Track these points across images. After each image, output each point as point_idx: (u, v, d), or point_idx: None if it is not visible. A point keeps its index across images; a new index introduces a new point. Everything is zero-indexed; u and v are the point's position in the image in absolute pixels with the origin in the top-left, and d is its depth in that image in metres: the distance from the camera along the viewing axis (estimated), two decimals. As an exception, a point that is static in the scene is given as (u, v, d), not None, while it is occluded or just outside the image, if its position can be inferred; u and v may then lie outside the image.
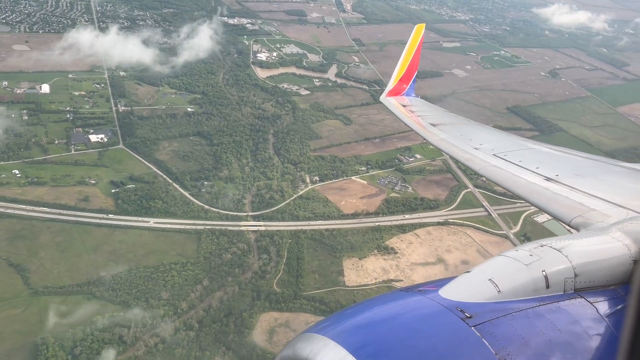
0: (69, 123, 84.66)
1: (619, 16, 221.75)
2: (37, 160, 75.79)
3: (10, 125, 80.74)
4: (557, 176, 10.81)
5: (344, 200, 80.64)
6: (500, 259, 5.93)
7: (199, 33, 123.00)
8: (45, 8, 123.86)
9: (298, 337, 5.04)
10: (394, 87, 21.23)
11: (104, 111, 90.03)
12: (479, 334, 4.83)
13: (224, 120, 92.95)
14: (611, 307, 5.71)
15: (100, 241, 64.72)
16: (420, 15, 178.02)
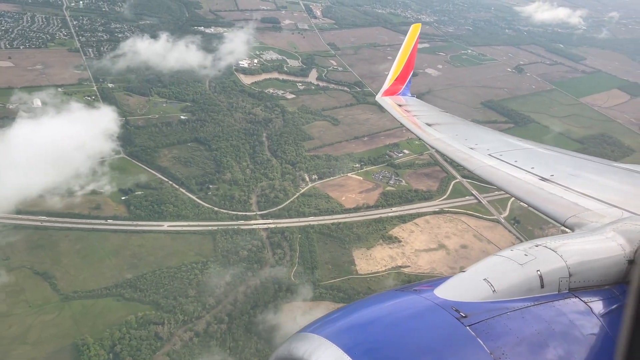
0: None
1: (594, 12, 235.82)
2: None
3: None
4: (552, 176, 10.92)
5: (344, 195, 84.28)
6: (495, 259, 6.01)
7: (180, 43, 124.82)
8: (21, 24, 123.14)
9: (293, 337, 5.08)
10: (389, 86, 21.38)
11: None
12: (473, 334, 4.86)
13: (218, 126, 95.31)
14: (606, 307, 5.75)
15: (119, 246, 66.36)
16: (388, 19, 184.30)
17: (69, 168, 76.05)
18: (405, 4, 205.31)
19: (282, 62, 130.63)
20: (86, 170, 77.49)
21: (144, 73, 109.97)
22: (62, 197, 72.21)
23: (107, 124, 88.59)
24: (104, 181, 76.63)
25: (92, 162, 79.49)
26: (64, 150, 77.58)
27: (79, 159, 78.46)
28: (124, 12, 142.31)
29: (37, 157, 73.98)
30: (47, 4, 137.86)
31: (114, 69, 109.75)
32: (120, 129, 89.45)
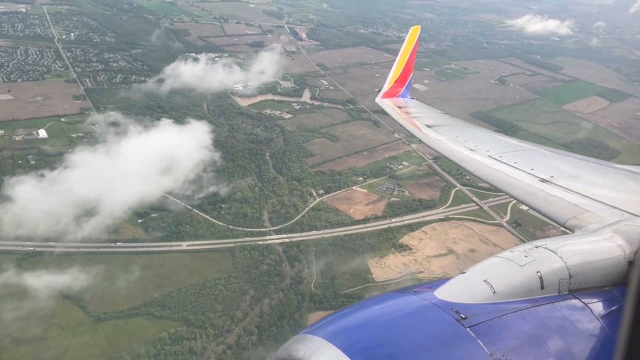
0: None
1: (580, 22, 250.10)
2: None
3: (19, 171, 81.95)
4: (552, 177, 10.87)
5: (352, 208, 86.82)
6: (495, 260, 6.03)
7: (175, 69, 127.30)
8: (16, 58, 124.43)
9: (293, 338, 5.09)
10: (389, 89, 21.33)
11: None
12: (474, 335, 4.88)
13: (222, 148, 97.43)
14: (606, 308, 5.74)
15: (142, 267, 67.70)
16: (371, 38, 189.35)
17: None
18: (386, 24, 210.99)
19: (275, 83, 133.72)
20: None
21: (143, 99, 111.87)
22: (80, 223, 73.50)
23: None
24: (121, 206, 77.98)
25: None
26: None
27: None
28: (115, 42, 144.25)
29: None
30: (38, 38, 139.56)
31: (114, 97, 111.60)
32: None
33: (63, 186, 78.23)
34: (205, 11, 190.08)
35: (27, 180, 79.20)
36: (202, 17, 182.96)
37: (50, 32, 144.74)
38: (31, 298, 60.19)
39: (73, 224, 72.15)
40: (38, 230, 69.89)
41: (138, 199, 77.80)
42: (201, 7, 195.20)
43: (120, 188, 77.30)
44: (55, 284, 62.63)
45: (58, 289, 61.97)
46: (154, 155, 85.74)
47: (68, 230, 71.10)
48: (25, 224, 70.22)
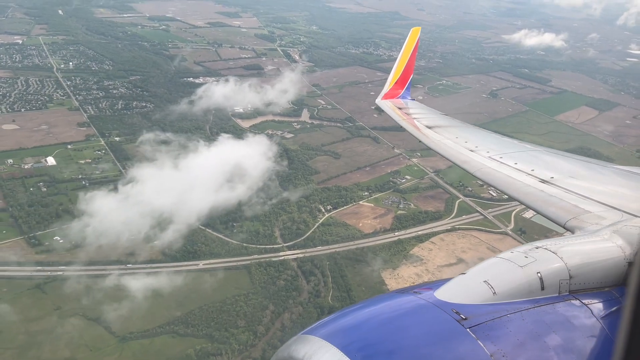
0: (88, 188, 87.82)
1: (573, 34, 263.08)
2: (72, 226, 78.55)
3: (34, 198, 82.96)
4: (552, 178, 10.91)
5: (361, 222, 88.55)
6: (495, 261, 6.05)
7: (176, 94, 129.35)
8: (17, 88, 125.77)
9: (294, 339, 5.13)
10: (389, 90, 21.62)
11: (115, 174, 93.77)
12: (474, 336, 4.89)
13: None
14: (606, 309, 5.74)
15: (162, 287, 68.61)
16: (362, 58, 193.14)
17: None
18: (375, 43, 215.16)
19: (274, 104, 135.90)
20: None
21: (147, 124, 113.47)
22: (97, 247, 74.50)
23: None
24: (135, 228, 79.02)
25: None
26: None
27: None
28: (113, 69, 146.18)
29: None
30: (37, 68, 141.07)
31: (118, 122, 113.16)
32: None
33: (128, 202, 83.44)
34: (198, 37, 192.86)
35: (95, 196, 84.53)
36: (196, 42, 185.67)
37: (49, 62, 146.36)
38: (56, 319, 61.09)
39: (146, 238, 77.10)
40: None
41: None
42: (194, 32, 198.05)
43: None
44: (76, 306, 63.56)
45: (81, 310, 62.83)
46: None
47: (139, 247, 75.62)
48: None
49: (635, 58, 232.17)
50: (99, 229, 75.66)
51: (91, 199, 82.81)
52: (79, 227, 76.70)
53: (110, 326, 61.25)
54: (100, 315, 62.71)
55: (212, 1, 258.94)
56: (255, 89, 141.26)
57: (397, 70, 21.64)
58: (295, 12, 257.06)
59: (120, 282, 68.40)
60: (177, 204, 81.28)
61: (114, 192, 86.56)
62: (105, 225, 76.24)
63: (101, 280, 68.69)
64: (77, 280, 67.72)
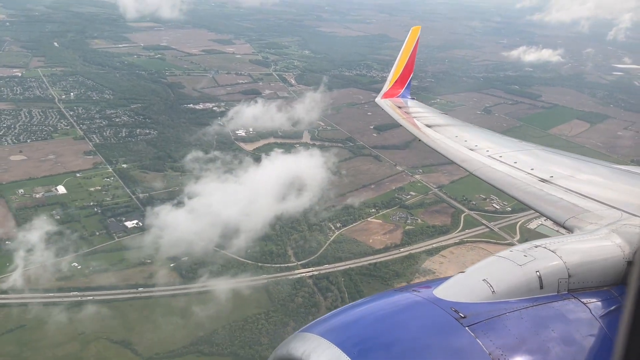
0: (100, 215, 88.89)
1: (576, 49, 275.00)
2: (89, 252, 79.33)
3: (47, 227, 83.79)
4: (552, 177, 10.94)
5: (371, 238, 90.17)
6: (494, 260, 6.08)
7: (177, 120, 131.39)
8: (21, 120, 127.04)
9: (292, 337, 5.20)
10: (389, 89, 21.68)
11: (125, 200, 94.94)
12: (472, 334, 4.91)
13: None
14: (605, 308, 5.75)
15: (183, 308, 69.59)
16: (357, 79, 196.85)
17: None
18: (368, 65, 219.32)
19: (275, 127, 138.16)
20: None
21: (153, 151, 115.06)
22: (114, 272, 75.41)
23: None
24: (149, 252, 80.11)
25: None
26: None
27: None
28: (114, 98, 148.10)
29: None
30: (39, 99, 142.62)
31: (123, 150, 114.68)
32: (148, 204, 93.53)
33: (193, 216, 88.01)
34: (194, 64, 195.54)
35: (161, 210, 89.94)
36: (193, 70, 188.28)
37: (50, 93, 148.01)
38: (81, 343, 61.75)
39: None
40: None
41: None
42: (189, 60, 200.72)
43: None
44: (100, 330, 64.28)
45: (104, 334, 63.55)
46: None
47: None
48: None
49: (621, 72, 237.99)
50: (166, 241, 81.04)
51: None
52: (99, 253, 77.65)
53: (135, 348, 61.96)
54: (125, 337, 63.44)
55: (205, 29, 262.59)
56: (255, 113, 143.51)
57: (397, 69, 21.68)
58: (287, 37, 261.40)
59: (138, 304, 69.24)
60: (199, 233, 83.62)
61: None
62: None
63: (122, 303, 69.47)
64: (99, 305, 68.46)
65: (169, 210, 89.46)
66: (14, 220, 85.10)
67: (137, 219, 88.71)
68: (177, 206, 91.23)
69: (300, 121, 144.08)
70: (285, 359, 5.03)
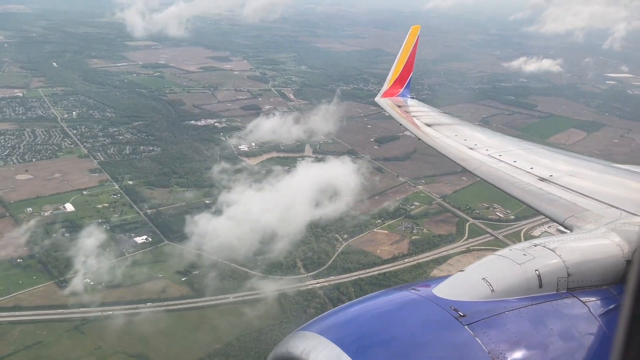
0: (109, 232, 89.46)
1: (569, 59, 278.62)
2: (100, 268, 79.91)
3: (58, 244, 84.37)
4: (551, 176, 10.94)
5: (378, 248, 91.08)
6: (494, 258, 6.11)
7: (180, 136, 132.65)
8: (25, 139, 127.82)
9: (291, 335, 5.19)
10: (389, 88, 21.81)
11: (133, 216, 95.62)
12: (472, 333, 4.92)
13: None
14: (604, 307, 5.76)
15: (197, 321, 70.12)
16: (354, 93, 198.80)
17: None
18: (364, 79, 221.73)
19: (277, 142, 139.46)
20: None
21: (158, 167, 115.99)
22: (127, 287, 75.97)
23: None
24: (162, 266, 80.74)
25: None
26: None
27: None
28: (116, 116, 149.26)
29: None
30: (41, 119, 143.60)
31: (128, 167, 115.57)
32: (156, 219, 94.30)
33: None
34: (193, 81, 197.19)
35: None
36: (192, 87, 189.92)
37: (52, 113, 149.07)
38: (97, 358, 62.16)
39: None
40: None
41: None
42: (188, 77, 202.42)
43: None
44: (116, 344, 64.72)
45: (121, 348, 64.00)
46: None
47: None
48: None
49: (614, 81, 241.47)
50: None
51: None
52: (111, 269, 78.32)
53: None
54: (142, 351, 63.87)
55: (201, 47, 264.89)
56: (256, 128, 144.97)
57: (397, 68, 21.75)
58: (283, 53, 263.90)
59: (152, 318, 69.73)
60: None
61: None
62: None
63: (136, 317, 69.91)
64: (114, 319, 68.94)
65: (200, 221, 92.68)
66: (24, 238, 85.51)
67: (146, 235, 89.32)
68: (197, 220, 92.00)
69: (301, 135, 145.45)
70: (285, 357, 5.01)
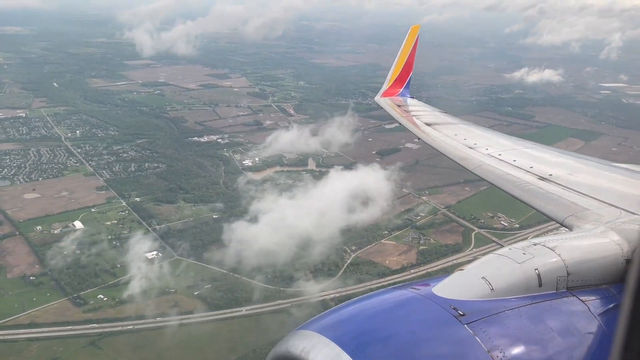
0: (119, 248, 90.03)
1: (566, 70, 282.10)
2: (112, 284, 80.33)
3: (69, 261, 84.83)
4: (551, 176, 10.92)
5: (387, 259, 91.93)
6: (493, 258, 6.10)
7: (184, 153, 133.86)
8: (30, 159, 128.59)
9: (291, 334, 5.16)
10: (388, 88, 21.91)
11: (142, 233, 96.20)
12: (471, 332, 4.92)
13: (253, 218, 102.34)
14: (603, 306, 5.75)
15: (212, 334, 70.55)
16: (354, 107, 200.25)
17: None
18: (362, 94, 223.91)
19: (279, 156, 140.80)
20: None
21: (164, 183, 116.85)
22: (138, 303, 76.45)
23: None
24: (173, 281, 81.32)
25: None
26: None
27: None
28: (119, 134, 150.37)
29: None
30: (45, 138, 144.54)
31: (134, 184, 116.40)
32: (165, 235, 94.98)
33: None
34: (193, 98, 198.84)
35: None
36: (193, 104, 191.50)
37: (55, 132, 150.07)
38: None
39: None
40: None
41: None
42: (189, 95, 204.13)
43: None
44: (133, 358, 65.13)
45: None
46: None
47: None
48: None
49: (608, 90, 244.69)
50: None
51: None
52: (123, 285, 78.82)
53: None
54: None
55: (200, 65, 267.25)
56: (259, 143, 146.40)
57: (396, 68, 21.85)
58: (281, 70, 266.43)
59: (174, 333, 70.21)
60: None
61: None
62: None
63: (152, 332, 70.37)
64: (129, 334, 69.37)
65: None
66: (35, 256, 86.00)
67: (156, 250, 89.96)
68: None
69: (303, 148, 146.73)
70: (285, 356, 5.03)
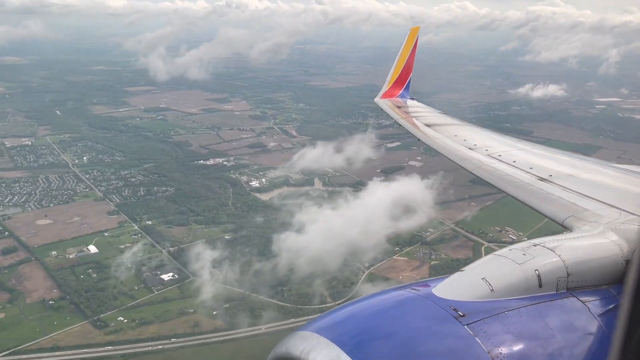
0: (135, 271, 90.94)
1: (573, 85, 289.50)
2: (131, 306, 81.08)
3: (87, 285, 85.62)
4: (551, 176, 10.93)
5: (401, 275, 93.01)
6: (493, 258, 6.16)
7: (191, 176, 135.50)
8: (40, 186, 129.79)
9: (291, 335, 5.16)
10: (388, 89, 21.87)
11: (156, 255, 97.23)
12: (471, 333, 4.91)
13: (263, 238, 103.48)
14: (603, 307, 5.74)
15: (234, 352, 71.41)
16: (354, 127, 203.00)
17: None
18: (362, 114, 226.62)
19: (286, 177, 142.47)
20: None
21: (174, 206, 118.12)
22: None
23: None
24: (187, 302, 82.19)
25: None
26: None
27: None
28: (126, 160, 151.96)
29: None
30: (53, 165, 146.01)
31: (145, 207, 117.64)
32: (179, 257, 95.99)
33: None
34: (196, 123, 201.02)
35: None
36: (196, 128, 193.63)
37: (63, 159, 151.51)
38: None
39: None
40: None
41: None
42: (191, 119, 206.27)
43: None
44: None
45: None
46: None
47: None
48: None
49: (603, 105, 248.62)
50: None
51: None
52: (142, 307, 79.72)
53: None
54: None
55: (200, 89, 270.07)
56: (264, 164, 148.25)
57: (396, 69, 21.93)
58: (280, 92, 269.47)
59: (196, 352, 70.92)
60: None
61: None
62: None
63: (174, 352, 71.08)
64: (152, 355, 70.05)
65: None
66: (53, 281, 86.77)
67: (172, 272, 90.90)
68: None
69: (310, 169, 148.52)
70: (284, 357, 5.06)
